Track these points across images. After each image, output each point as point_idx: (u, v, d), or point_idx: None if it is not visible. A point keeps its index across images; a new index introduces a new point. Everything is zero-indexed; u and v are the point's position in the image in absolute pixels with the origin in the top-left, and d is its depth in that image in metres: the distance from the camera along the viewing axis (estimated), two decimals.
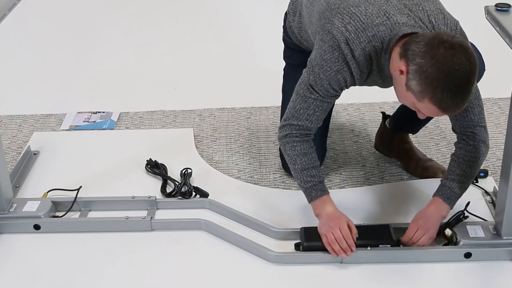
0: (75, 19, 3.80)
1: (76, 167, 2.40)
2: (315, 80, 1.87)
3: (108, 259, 1.98)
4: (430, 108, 1.68)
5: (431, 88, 1.63)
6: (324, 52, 1.84)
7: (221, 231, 2.03)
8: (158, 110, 2.83)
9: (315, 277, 1.89)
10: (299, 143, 1.94)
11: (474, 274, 1.88)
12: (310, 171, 1.94)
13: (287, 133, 1.94)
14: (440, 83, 1.62)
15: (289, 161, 1.97)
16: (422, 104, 1.69)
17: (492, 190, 2.19)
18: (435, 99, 1.65)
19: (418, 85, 1.66)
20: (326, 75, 1.84)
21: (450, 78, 1.62)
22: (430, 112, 1.70)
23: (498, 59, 2.87)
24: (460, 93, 1.64)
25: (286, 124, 1.95)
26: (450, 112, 1.70)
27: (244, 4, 3.79)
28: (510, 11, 1.83)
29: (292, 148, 1.95)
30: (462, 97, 1.65)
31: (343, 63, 1.81)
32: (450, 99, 1.64)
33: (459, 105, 1.67)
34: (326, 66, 1.84)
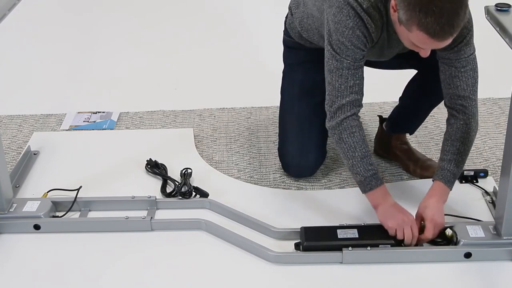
0: (75, 19, 3.81)
1: (76, 167, 2.40)
2: (338, 47, 1.87)
3: (108, 259, 1.98)
4: (421, 37, 1.68)
5: (415, 13, 1.64)
6: (335, 15, 1.85)
7: (221, 231, 2.03)
8: (158, 110, 2.83)
9: (315, 277, 1.89)
10: (357, 128, 1.91)
11: (474, 274, 1.88)
12: (369, 159, 1.92)
13: (342, 118, 1.91)
14: (423, 7, 1.63)
15: (347, 148, 1.92)
16: (413, 35, 1.69)
17: (492, 190, 2.19)
18: (421, 25, 1.65)
19: (404, 14, 1.67)
20: (345, 35, 1.85)
21: (431, 1, 1.62)
22: (422, 42, 1.70)
23: (498, 59, 2.88)
24: (445, 14, 1.62)
25: (334, 110, 1.91)
26: (440, 37, 1.67)
27: (244, 4, 3.79)
28: (510, 11, 1.83)
29: (351, 135, 1.91)
30: (448, 20, 1.63)
31: (356, 18, 1.82)
32: (436, 23, 1.63)
33: (446, 29, 1.64)
34: (341, 27, 1.85)
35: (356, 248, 1.91)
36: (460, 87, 1.92)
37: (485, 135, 2.55)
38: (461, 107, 1.94)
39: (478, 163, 2.38)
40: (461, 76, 1.91)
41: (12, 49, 3.46)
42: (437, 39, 1.68)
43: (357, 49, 1.87)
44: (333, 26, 1.87)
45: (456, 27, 1.66)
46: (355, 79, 1.90)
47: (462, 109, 1.94)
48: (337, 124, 1.92)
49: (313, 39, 2.15)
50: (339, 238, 1.93)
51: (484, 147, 2.47)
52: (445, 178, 1.96)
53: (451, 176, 1.96)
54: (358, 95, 1.92)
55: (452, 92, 1.94)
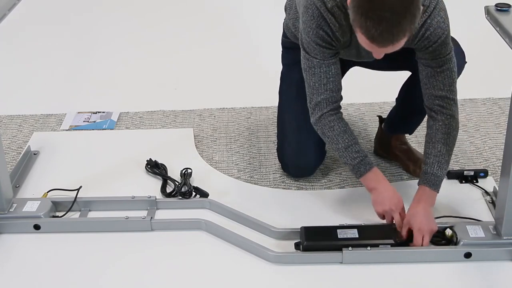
0: (75, 19, 3.81)
1: (76, 167, 2.40)
2: (307, 46, 1.94)
3: (108, 259, 1.98)
4: (363, 40, 1.70)
5: (358, 16, 1.66)
6: (302, 15, 1.91)
7: (221, 231, 2.03)
8: (158, 110, 2.83)
9: (315, 277, 1.89)
10: (335, 122, 1.98)
11: (474, 274, 1.88)
12: (354, 147, 1.97)
13: (320, 115, 1.98)
14: (364, 11, 1.64)
15: (331, 142, 2.00)
16: (358, 37, 1.72)
17: (492, 190, 2.19)
18: (362, 28, 1.67)
19: (351, 14, 1.70)
20: (310, 35, 1.90)
21: (371, 8, 1.63)
22: (365, 44, 1.72)
23: (498, 59, 2.88)
24: (384, 23, 1.63)
25: (313, 106, 1.99)
26: (378, 42, 1.67)
27: (244, 4, 3.80)
28: (510, 11, 1.83)
29: (331, 129, 1.98)
30: (387, 28, 1.64)
31: (319, 18, 1.86)
32: (373, 28, 1.64)
33: (385, 36, 1.65)
34: (307, 27, 1.90)
35: (356, 248, 1.91)
36: (437, 87, 1.93)
37: (485, 135, 2.55)
38: (439, 107, 1.95)
39: (478, 163, 2.38)
40: (437, 76, 1.92)
41: (12, 49, 3.46)
42: (377, 44, 1.69)
43: (324, 48, 1.91)
44: (301, 26, 1.93)
45: (396, 36, 1.66)
46: (328, 77, 1.95)
47: (440, 109, 1.96)
48: (317, 120, 2.00)
49: None
50: (339, 238, 1.93)
51: (484, 147, 2.47)
52: (430, 182, 1.96)
53: (435, 179, 1.96)
54: (333, 92, 1.97)
55: (430, 92, 1.96)
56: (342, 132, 1.98)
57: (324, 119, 1.98)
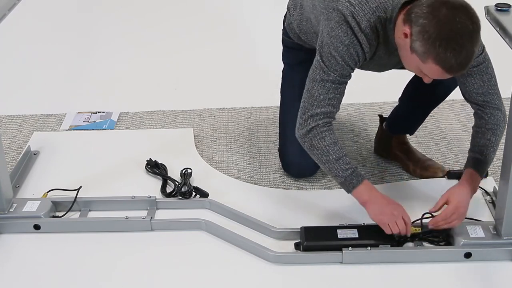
0: (75, 19, 3.80)
1: (76, 167, 2.40)
2: (328, 60, 1.87)
3: (108, 259, 1.98)
4: (434, 69, 1.70)
5: (434, 47, 1.66)
6: (332, 29, 1.86)
7: (221, 231, 2.03)
8: (158, 110, 2.83)
9: (315, 277, 1.89)
10: (326, 132, 1.91)
11: (474, 274, 1.88)
12: (344, 159, 1.91)
13: (313, 126, 1.91)
14: (443, 42, 1.65)
15: (320, 154, 1.92)
16: (426, 66, 1.71)
17: (492, 190, 2.19)
18: (438, 59, 1.67)
19: (421, 46, 1.68)
20: (338, 51, 1.85)
21: (452, 37, 1.64)
22: (434, 73, 1.72)
23: (498, 59, 2.87)
24: (464, 51, 1.65)
25: (309, 116, 1.92)
26: (454, 71, 1.70)
27: (244, 4, 3.79)
28: (510, 11, 1.83)
29: (322, 140, 1.91)
30: (465, 56, 1.66)
31: (352, 36, 1.83)
32: (453, 58, 1.66)
33: (462, 64, 1.68)
34: (336, 42, 1.85)
35: (356, 248, 1.91)
36: (476, 84, 1.94)
37: None
38: (484, 102, 1.96)
39: None
40: (474, 74, 1.92)
41: (12, 49, 3.46)
42: (451, 73, 1.71)
43: (347, 66, 1.88)
44: (328, 40, 1.87)
45: (470, 62, 1.70)
46: (336, 93, 1.91)
47: (485, 104, 1.96)
48: (307, 131, 1.92)
49: (312, 42, 2.16)
50: (339, 238, 1.93)
51: None
52: (477, 167, 1.97)
53: (481, 164, 1.97)
54: (334, 108, 1.92)
55: (470, 90, 1.96)
56: (333, 143, 1.91)
57: (315, 130, 1.91)
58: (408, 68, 1.83)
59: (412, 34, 1.70)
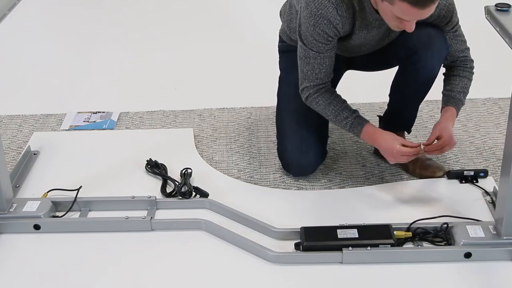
0: (75, 19, 3.80)
1: (76, 167, 2.40)
2: (305, 38, 2.03)
3: (108, 259, 1.98)
4: (404, 7, 1.77)
5: None
6: (302, 9, 2.02)
7: (221, 231, 2.03)
8: (158, 110, 2.83)
9: (315, 277, 1.89)
10: (319, 97, 2.12)
11: (474, 274, 1.88)
12: (342, 114, 2.10)
13: (306, 95, 2.14)
14: None
15: (322, 115, 2.16)
16: (395, 8, 1.79)
17: (492, 190, 2.19)
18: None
19: None
20: (308, 31, 2.00)
21: None
22: (406, 12, 1.79)
23: (498, 59, 2.88)
24: None
25: (302, 89, 2.14)
26: (422, 5, 1.76)
27: (244, 5, 3.79)
28: (510, 11, 1.83)
29: (317, 104, 2.13)
30: None
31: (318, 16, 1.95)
32: None
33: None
34: (306, 23, 2.00)
35: (356, 248, 1.91)
36: (458, 44, 2.13)
37: (485, 135, 2.55)
38: (463, 57, 2.15)
39: (478, 163, 2.37)
40: (454, 37, 2.12)
41: (12, 49, 3.46)
42: (419, 7, 1.77)
43: (321, 44, 2.01)
44: (302, 20, 2.02)
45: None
46: (321, 68, 2.07)
47: (464, 57, 2.15)
48: (305, 99, 2.17)
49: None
50: (339, 238, 1.93)
51: (484, 147, 2.47)
52: (457, 105, 2.14)
53: (460, 104, 2.15)
54: (322, 80, 2.11)
55: (453, 50, 2.13)
56: (327, 104, 2.10)
57: (309, 97, 2.14)
58: (389, 23, 1.91)
59: None
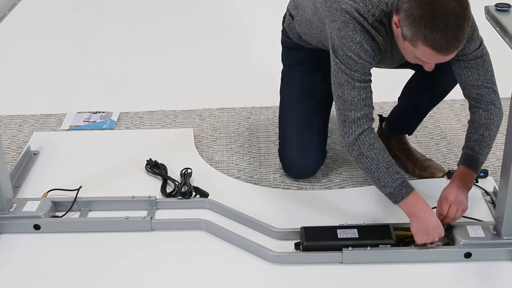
0: (76, 19, 3.81)
1: (76, 167, 2.40)
2: (347, 62, 1.84)
3: (108, 259, 1.98)
4: (426, 52, 1.69)
5: (420, 29, 1.65)
6: (339, 30, 1.84)
7: (221, 231, 2.03)
8: (158, 110, 2.83)
9: (315, 277, 1.89)
10: (375, 139, 1.86)
11: (474, 274, 1.88)
12: (394, 168, 1.86)
13: (359, 132, 1.85)
14: (428, 23, 1.64)
15: (370, 162, 1.85)
16: (418, 50, 1.70)
17: (492, 190, 2.19)
18: (427, 40, 1.66)
19: (409, 30, 1.68)
20: (352, 50, 1.83)
21: (435, 16, 1.63)
22: (428, 56, 1.71)
23: (498, 59, 2.87)
24: (450, 29, 1.64)
25: (351, 122, 1.85)
26: (446, 52, 1.68)
27: (244, 5, 3.79)
28: (510, 11, 1.83)
29: (371, 147, 1.84)
30: (454, 34, 1.65)
31: (362, 31, 1.82)
32: (441, 37, 1.64)
33: (452, 42, 1.66)
34: (347, 42, 1.83)
35: (356, 248, 1.91)
36: (472, 77, 1.92)
37: None
38: (478, 96, 1.94)
39: None
40: (471, 67, 1.91)
41: (12, 49, 3.46)
42: (443, 54, 1.69)
43: (366, 63, 1.85)
44: (339, 41, 1.84)
45: (461, 40, 1.68)
46: (367, 92, 1.87)
47: (479, 98, 1.94)
48: (355, 139, 1.85)
49: (312, 42, 2.15)
50: (339, 238, 1.93)
51: None
52: (468, 162, 1.95)
53: (473, 160, 1.94)
54: (371, 108, 1.89)
55: (466, 83, 1.94)
56: (383, 151, 1.85)
57: (363, 136, 1.84)
58: (408, 59, 1.82)
59: (400, 21, 1.70)
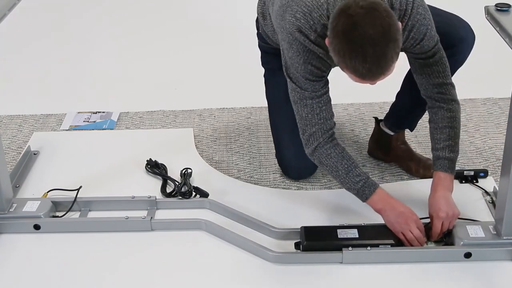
0: (75, 19, 3.81)
1: (76, 167, 2.40)
2: (296, 80, 1.91)
3: (108, 259, 1.98)
4: (352, 77, 1.71)
5: (342, 58, 1.66)
6: (287, 50, 1.89)
7: (221, 231, 2.03)
8: (158, 110, 2.83)
9: (315, 277, 1.89)
10: (331, 149, 1.94)
11: (474, 274, 1.88)
12: (354, 171, 1.93)
13: (315, 145, 1.95)
14: (346, 54, 1.65)
15: (331, 170, 1.96)
16: (348, 75, 1.72)
17: (492, 190, 2.19)
18: (350, 68, 1.67)
19: (334, 56, 1.70)
20: (298, 70, 1.88)
21: (353, 48, 1.63)
22: (356, 81, 1.72)
23: (498, 59, 2.88)
24: (368, 58, 1.62)
25: (307, 138, 1.96)
26: (370, 78, 1.68)
27: (243, 5, 3.79)
28: (510, 11, 1.83)
29: (328, 157, 1.94)
30: (374, 62, 1.64)
31: (305, 52, 1.84)
32: (361, 66, 1.64)
33: (374, 70, 1.65)
34: (294, 63, 1.88)
35: (356, 248, 1.91)
36: (433, 75, 1.93)
37: (485, 135, 2.55)
38: (439, 95, 1.95)
39: (478, 163, 2.38)
40: (430, 64, 1.92)
41: (13, 49, 3.46)
42: (368, 80, 1.69)
43: (313, 82, 1.89)
44: (288, 61, 1.90)
45: (384, 67, 1.66)
46: (321, 106, 1.92)
47: (440, 97, 1.95)
48: (312, 151, 1.97)
49: None
50: (339, 238, 1.93)
51: (484, 147, 2.47)
52: (443, 167, 1.95)
53: (448, 163, 1.95)
54: (326, 120, 1.94)
55: (426, 82, 1.95)
56: (340, 158, 1.93)
57: (320, 148, 1.95)
58: None
59: (329, 45, 1.71)
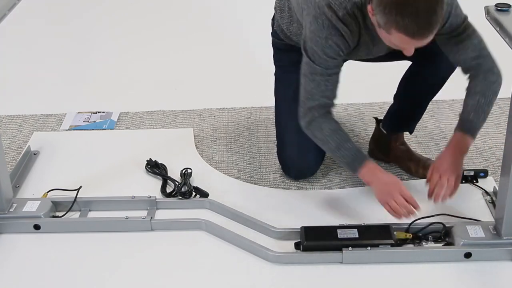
0: (75, 19, 3.81)
1: (76, 167, 2.40)
2: (312, 55, 1.91)
3: (108, 259, 1.98)
4: (401, 38, 1.70)
5: (391, 16, 1.66)
6: (310, 23, 1.89)
7: (221, 231, 2.03)
8: (158, 110, 2.83)
9: (315, 277, 1.89)
10: (324, 123, 1.97)
11: (474, 274, 1.88)
12: (345, 145, 1.96)
13: (310, 118, 1.98)
14: (398, 9, 1.64)
15: (321, 143, 2.00)
16: (393, 37, 1.71)
17: (492, 190, 2.19)
18: (399, 27, 1.67)
19: (381, 18, 1.69)
20: (318, 45, 1.88)
21: (406, 2, 1.64)
22: (403, 42, 1.72)
23: (498, 59, 2.87)
24: (422, 14, 1.64)
25: (306, 109, 1.98)
26: (420, 37, 1.68)
27: (243, 5, 3.79)
28: (510, 11, 1.83)
29: (320, 130, 1.97)
30: (425, 18, 1.65)
31: (330, 28, 1.85)
32: (413, 23, 1.65)
33: (426, 27, 1.66)
34: (315, 36, 1.88)
35: (356, 248, 1.91)
36: (470, 49, 1.93)
37: (485, 135, 2.55)
38: (477, 65, 1.95)
39: (478, 163, 2.38)
40: (463, 40, 1.92)
41: (12, 49, 3.46)
42: (417, 39, 1.70)
43: (330, 58, 1.90)
44: (309, 34, 1.90)
45: (434, 24, 1.68)
46: (327, 85, 1.94)
47: (477, 66, 1.94)
48: (307, 123, 1.99)
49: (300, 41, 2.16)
50: (339, 238, 1.93)
51: (484, 147, 2.47)
52: (464, 127, 1.95)
53: (470, 125, 1.95)
54: (329, 100, 1.97)
55: (463, 58, 1.95)
56: (332, 132, 1.96)
57: (314, 122, 1.98)
58: (388, 44, 1.83)
59: (373, 9, 1.71)
